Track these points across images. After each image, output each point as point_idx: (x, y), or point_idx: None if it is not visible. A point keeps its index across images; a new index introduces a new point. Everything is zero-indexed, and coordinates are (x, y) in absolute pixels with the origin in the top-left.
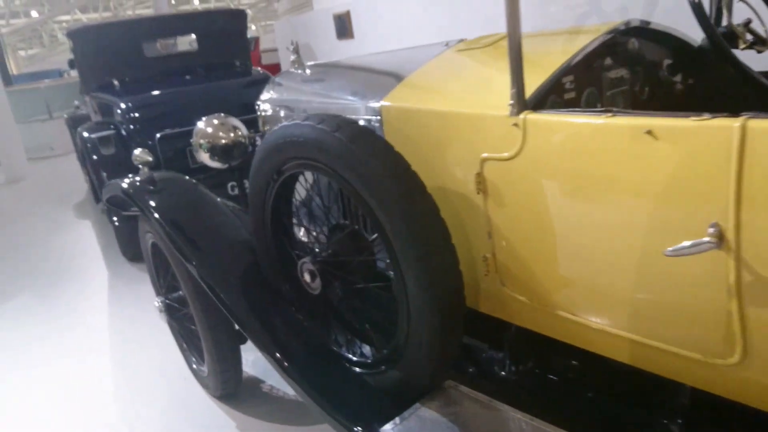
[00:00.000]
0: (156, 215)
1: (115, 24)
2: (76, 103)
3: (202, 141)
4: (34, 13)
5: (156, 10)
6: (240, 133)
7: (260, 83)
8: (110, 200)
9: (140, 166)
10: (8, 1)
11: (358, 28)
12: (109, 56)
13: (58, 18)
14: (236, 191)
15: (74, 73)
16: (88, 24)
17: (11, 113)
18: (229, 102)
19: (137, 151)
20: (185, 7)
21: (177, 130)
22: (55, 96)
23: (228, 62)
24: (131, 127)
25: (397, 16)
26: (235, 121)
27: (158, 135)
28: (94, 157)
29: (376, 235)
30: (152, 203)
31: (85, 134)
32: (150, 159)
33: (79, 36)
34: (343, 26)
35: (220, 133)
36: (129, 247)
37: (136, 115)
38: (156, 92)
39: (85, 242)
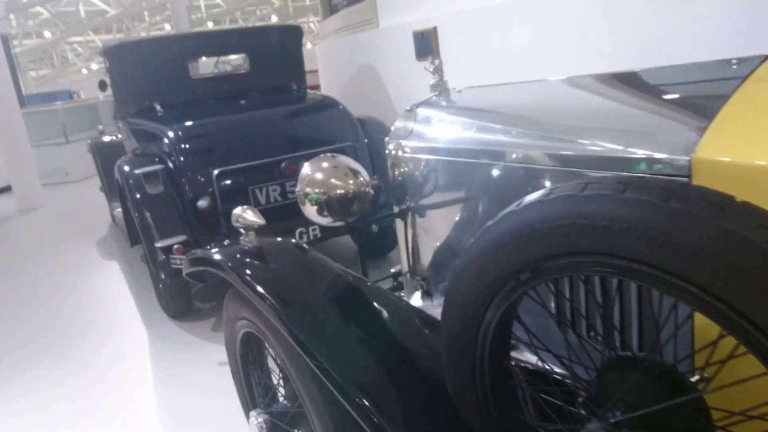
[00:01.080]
0: (271, 303)
1: (157, 40)
2: (101, 127)
3: (310, 191)
4: (47, 34)
5: (176, 30)
6: (362, 179)
7: (328, 109)
8: (192, 274)
9: (242, 231)
10: (22, 21)
11: (446, 47)
12: (150, 77)
13: (71, 39)
14: (305, 237)
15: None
16: (126, 40)
17: (26, 136)
18: (297, 132)
19: (238, 210)
20: (206, 25)
21: (238, 166)
22: (71, 119)
23: (284, 85)
24: (182, 160)
25: (494, 36)
26: (353, 163)
27: (216, 172)
28: (137, 195)
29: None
30: (263, 285)
31: (126, 168)
32: (260, 222)
33: (115, 54)
34: (427, 45)
35: (334, 180)
36: (174, 303)
37: (188, 146)
38: (209, 120)
39: (115, 289)
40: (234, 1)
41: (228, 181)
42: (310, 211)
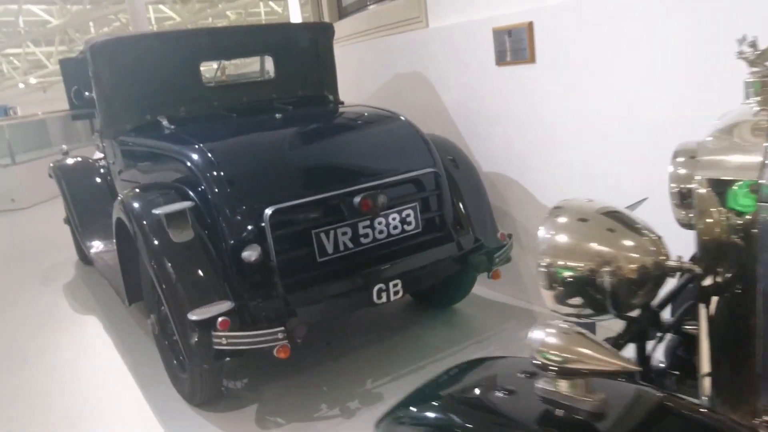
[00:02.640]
0: None
1: (161, 37)
2: (64, 147)
3: (568, 265)
4: None
5: None
6: (662, 249)
7: (395, 126)
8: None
9: None
10: None
11: (544, 48)
12: (153, 83)
13: (6, 51)
14: (384, 296)
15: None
16: (121, 35)
17: None
18: (365, 156)
19: None
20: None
21: (298, 202)
22: (17, 137)
23: (317, 95)
24: (218, 194)
25: (604, 31)
26: (636, 219)
27: (269, 211)
28: (156, 243)
29: None
30: None
31: (137, 205)
32: None
33: (104, 53)
34: (517, 46)
35: (614, 249)
36: (204, 391)
37: (227, 175)
38: (246, 139)
39: (104, 359)
40: (188, 14)
41: (285, 223)
42: (564, 298)
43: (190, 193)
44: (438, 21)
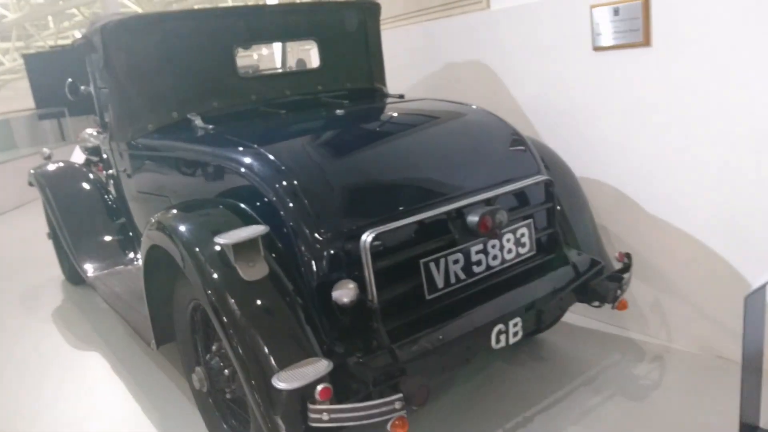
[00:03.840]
0: None
1: (189, 16)
2: (46, 150)
3: None
4: None
5: None
6: None
7: (490, 126)
8: None
9: None
10: None
11: (663, 27)
12: (181, 73)
13: None
14: (503, 339)
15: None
16: (140, 14)
17: None
18: (465, 162)
19: None
20: None
21: (401, 223)
22: None
23: (367, 87)
24: (293, 210)
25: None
26: None
27: (368, 236)
28: (217, 280)
29: None
30: None
31: (184, 228)
32: None
33: (119, 35)
34: (627, 26)
35: None
36: None
37: (305, 186)
38: (317, 141)
39: (132, 429)
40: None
41: (387, 251)
42: None
43: (249, 210)
44: (502, 2)
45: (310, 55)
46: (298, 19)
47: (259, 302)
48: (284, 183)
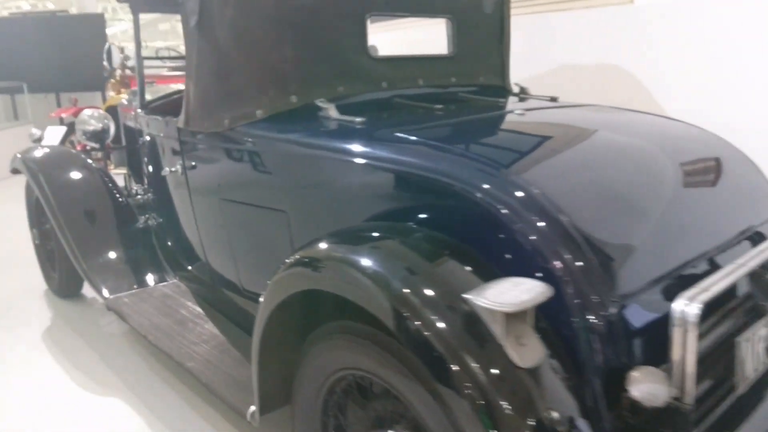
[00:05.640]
0: None
1: None
2: (35, 132)
3: None
4: None
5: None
6: None
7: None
8: None
9: None
10: None
11: None
12: (299, 44)
13: None
14: None
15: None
16: None
17: None
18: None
19: None
20: None
21: (723, 285)
22: None
23: (498, 84)
24: (567, 260)
25: None
26: None
27: (686, 305)
28: (452, 354)
29: None
30: None
31: (396, 272)
32: None
33: None
34: None
35: None
36: None
37: (588, 226)
38: (574, 159)
39: None
40: None
41: (706, 327)
42: None
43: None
44: None
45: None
46: None
47: (532, 399)
48: (555, 222)
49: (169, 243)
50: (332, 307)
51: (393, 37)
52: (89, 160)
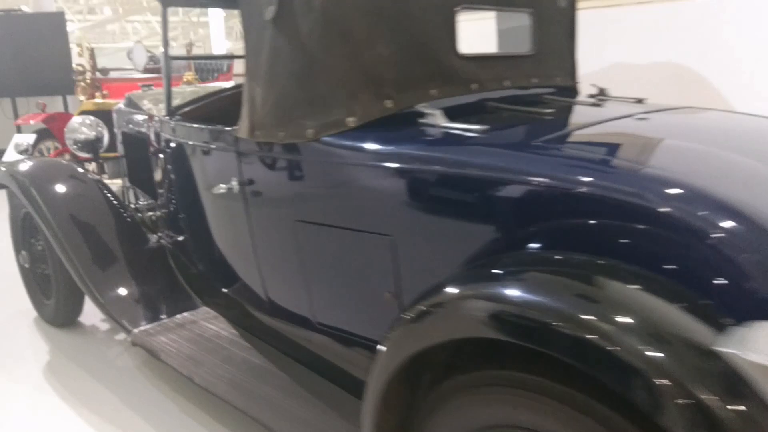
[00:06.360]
0: None
1: None
2: (23, 142)
3: None
4: None
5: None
6: None
7: None
8: None
9: None
10: None
11: None
12: (397, 41)
13: None
14: None
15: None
16: None
17: None
18: None
19: None
20: None
21: None
22: None
23: (571, 85)
24: None
25: None
26: None
27: None
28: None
29: None
30: None
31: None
32: None
33: None
34: None
35: None
36: None
37: None
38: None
39: None
40: None
41: None
42: None
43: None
44: None
45: None
46: None
47: None
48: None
49: (199, 266)
50: (466, 357)
51: None
52: (88, 174)
